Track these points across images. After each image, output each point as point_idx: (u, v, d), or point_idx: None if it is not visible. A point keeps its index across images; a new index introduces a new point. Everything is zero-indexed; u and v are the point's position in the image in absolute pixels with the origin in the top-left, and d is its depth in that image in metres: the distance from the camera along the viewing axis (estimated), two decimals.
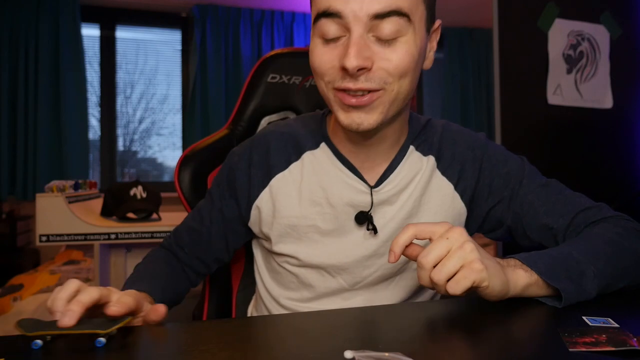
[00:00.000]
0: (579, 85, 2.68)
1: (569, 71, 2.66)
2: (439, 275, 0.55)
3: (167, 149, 4.11)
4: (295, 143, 0.79)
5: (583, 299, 0.61)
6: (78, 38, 3.62)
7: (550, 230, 0.75)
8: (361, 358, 0.43)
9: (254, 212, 0.80)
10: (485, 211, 0.80)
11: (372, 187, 0.75)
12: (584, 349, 0.46)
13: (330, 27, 0.63)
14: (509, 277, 0.59)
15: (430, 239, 0.58)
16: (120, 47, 3.92)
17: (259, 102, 1.19)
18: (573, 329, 0.51)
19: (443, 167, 0.79)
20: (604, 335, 0.48)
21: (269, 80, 1.20)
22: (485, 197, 0.79)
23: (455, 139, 0.80)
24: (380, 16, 0.61)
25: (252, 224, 0.82)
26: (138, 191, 2.05)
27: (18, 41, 3.47)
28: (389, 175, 0.76)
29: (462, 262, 0.55)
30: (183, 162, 1.08)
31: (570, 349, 0.46)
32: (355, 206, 0.75)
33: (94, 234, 1.82)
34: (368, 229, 0.75)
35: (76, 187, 2.08)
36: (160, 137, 4.08)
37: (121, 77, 3.93)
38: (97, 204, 2.16)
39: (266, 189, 0.79)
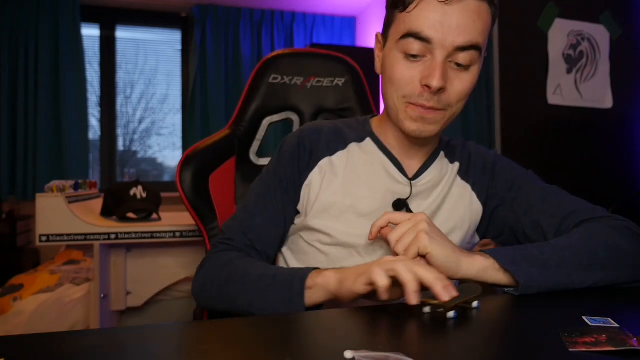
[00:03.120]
0: (579, 85, 2.68)
1: (569, 71, 2.66)
2: (398, 247, 0.67)
3: (167, 149, 4.11)
4: (342, 136, 0.89)
5: (545, 286, 0.66)
6: (78, 38, 3.61)
7: (541, 227, 0.81)
8: (361, 358, 0.43)
9: (304, 192, 0.86)
10: (490, 213, 0.89)
11: (410, 180, 0.85)
12: (584, 349, 0.46)
13: (415, 46, 0.73)
14: (464, 259, 0.67)
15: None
16: (120, 47, 3.92)
17: (260, 102, 1.19)
18: (573, 329, 0.51)
19: (462, 173, 0.90)
20: (604, 335, 0.49)
21: (271, 81, 1.20)
22: (491, 199, 0.88)
23: (471, 151, 0.92)
24: (462, 49, 0.72)
25: (301, 205, 0.87)
26: (138, 191, 2.05)
27: (18, 41, 3.47)
28: (423, 172, 0.86)
29: (414, 235, 0.66)
30: (184, 162, 1.08)
31: (570, 349, 0.46)
32: (393, 194, 0.84)
33: (94, 234, 1.82)
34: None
35: (76, 187, 2.08)
36: (160, 137, 4.08)
37: (121, 77, 3.93)
38: (97, 204, 2.16)
39: (315, 169, 0.86)
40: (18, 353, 0.47)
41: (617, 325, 0.52)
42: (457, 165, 0.90)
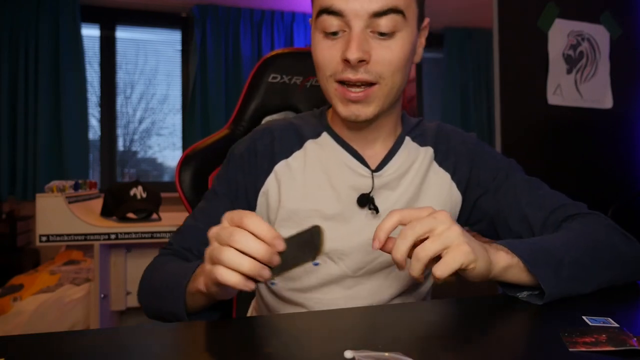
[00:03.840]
0: (579, 85, 2.68)
1: (569, 71, 2.66)
2: (420, 254, 0.54)
3: (167, 149, 4.11)
4: (298, 134, 0.83)
5: (563, 291, 0.61)
6: (78, 38, 3.62)
7: (528, 222, 0.78)
8: (361, 358, 0.43)
9: (261, 200, 0.82)
10: (473, 201, 0.84)
11: (373, 171, 0.79)
12: (584, 349, 0.46)
13: (331, 22, 0.69)
14: (492, 257, 0.60)
15: None
16: (120, 47, 3.92)
17: (259, 102, 1.19)
18: (573, 329, 0.51)
19: (440, 159, 0.84)
20: (604, 335, 0.48)
21: (270, 80, 1.20)
22: (474, 187, 0.84)
23: (449, 135, 0.86)
24: (379, 14, 0.67)
25: (259, 213, 0.82)
26: (138, 191, 2.05)
27: (18, 41, 3.47)
28: (388, 161, 0.80)
29: (445, 244, 0.55)
30: (184, 162, 1.08)
31: (570, 349, 0.46)
32: (358, 189, 0.78)
33: (94, 234, 1.82)
34: (370, 209, 0.77)
35: (76, 187, 2.08)
36: (160, 137, 4.08)
37: (121, 77, 3.93)
38: (97, 204, 2.16)
39: (271, 175, 0.81)
40: (18, 353, 0.47)
41: (617, 325, 0.52)
42: (430, 150, 0.83)
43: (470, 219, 0.86)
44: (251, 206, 0.82)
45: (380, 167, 0.80)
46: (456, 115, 4.44)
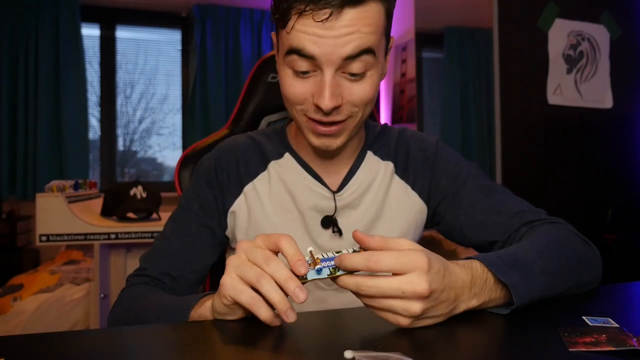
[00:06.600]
0: (579, 85, 2.68)
1: (569, 71, 2.66)
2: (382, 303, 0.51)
3: (167, 149, 4.11)
4: (261, 154, 0.85)
5: (531, 299, 0.58)
6: (78, 38, 3.61)
7: (485, 228, 0.80)
8: (361, 358, 0.43)
9: (230, 218, 0.83)
10: (434, 207, 0.86)
11: (334, 193, 0.81)
12: (584, 349, 0.46)
13: (301, 63, 0.68)
14: (461, 306, 0.55)
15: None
16: (120, 47, 3.92)
17: (259, 102, 1.19)
18: (573, 329, 0.51)
19: (400, 171, 0.86)
20: (604, 335, 0.48)
21: (269, 80, 1.20)
22: (434, 195, 0.86)
23: (409, 143, 0.87)
24: (352, 57, 0.66)
25: (229, 231, 0.84)
26: (138, 191, 2.05)
27: (18, 41, 3.47)
28: (349, 180, 0.82)
29: (400, 311, 0.50)
30: (183, 162, 1.08)
31: (570, 349, 0.46)
32: (321, 211, 0.81)
33: (94, 234, 1.82)
34: (333, 232, 0.80)
35: (76, 187, 2.08)
36: (160, 137, 4.08)
37: (121, 77, 3.92)
38: (97, 204, 2.16)
39: (241, 196, 0.82)
40: (18, 353, 0.47)
41: (617, 325, 0.52)
42: (390, 165, 0.85)
43: (433, 221, 0.88)
44: (222, 223, 0.83)
45: (341, 187, 0.82)
46: (456, 115, 4.43)
